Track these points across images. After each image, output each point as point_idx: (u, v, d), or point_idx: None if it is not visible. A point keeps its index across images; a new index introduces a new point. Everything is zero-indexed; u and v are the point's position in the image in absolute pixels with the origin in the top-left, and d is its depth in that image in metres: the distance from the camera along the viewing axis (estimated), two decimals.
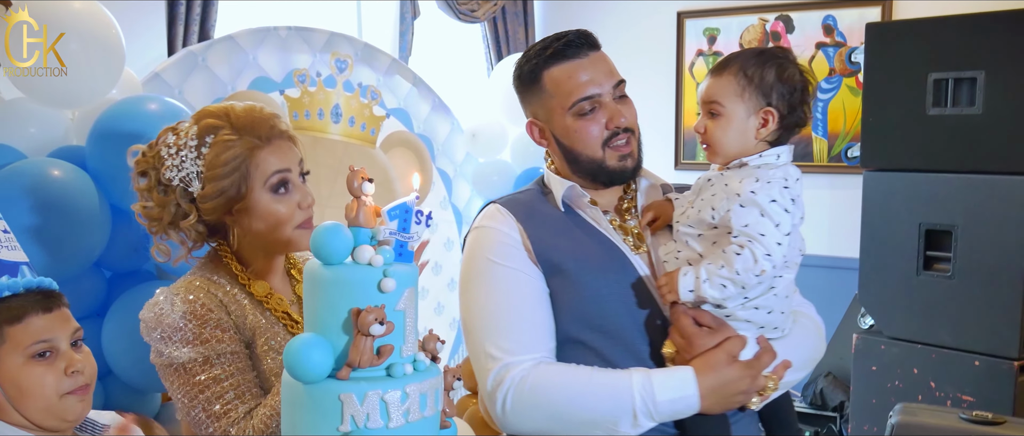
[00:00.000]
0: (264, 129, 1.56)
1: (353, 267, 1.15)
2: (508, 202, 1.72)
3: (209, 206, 1.54)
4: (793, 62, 1.57)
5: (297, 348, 1.13)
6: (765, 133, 1.54)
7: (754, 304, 1.53)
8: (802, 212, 1.54)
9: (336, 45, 3.20)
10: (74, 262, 2.18)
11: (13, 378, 1.33)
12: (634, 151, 1.67)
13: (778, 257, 1.47)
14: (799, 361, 1.62)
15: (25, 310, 1.35)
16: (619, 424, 1.51)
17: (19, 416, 1.34)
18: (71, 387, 1.36)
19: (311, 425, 1.14)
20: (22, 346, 1.34)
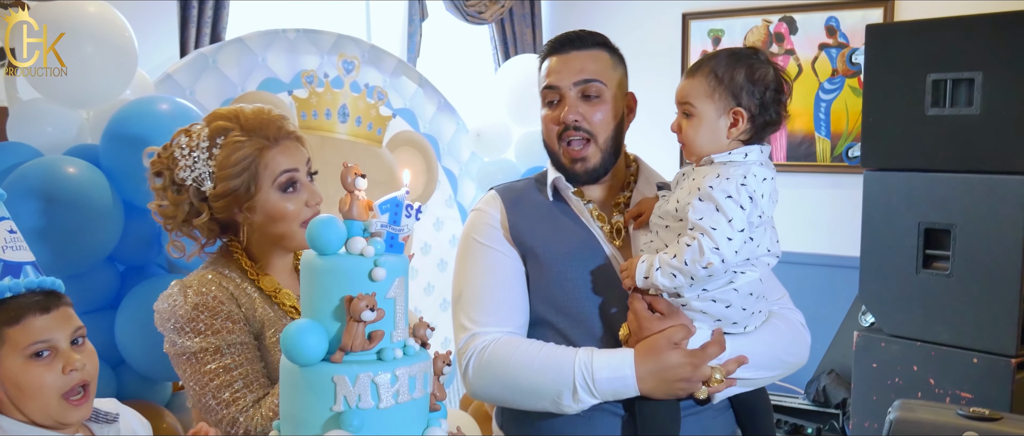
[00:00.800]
0: (272, 130, 1.62)
1: (346, 257, 1.21)
2: (503, 189, 1.84)
3: (220, 204, 1.61)
4: (765, 62, 1.59)
5: (293, 333, 1.19)
6: (736, 132, 1.57)
7: (711, 296, 1.57)
8: (766, 210, 1.55)
9: (343, 47, 3.26)
10: (88, 256, 2.24)
11: (13, 378, 1.35)
12: (589, 158, 1.72)
13: (728, 251, 1.50)
14: (761, 360, 1.65)
15: (24, 311, 1.36)
16: (562, 397, 1.59)
17: (21, 415, 1.37)
18: (69, 385, 1.37)
19: (307, 405, 1.20)
20: (21, 346, 1.35)
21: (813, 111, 4.56)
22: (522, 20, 4.84)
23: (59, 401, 1.37)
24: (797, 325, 1.77)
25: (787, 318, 1.75)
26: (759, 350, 1.65)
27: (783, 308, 1.78)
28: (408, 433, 1.22)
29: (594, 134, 1.71)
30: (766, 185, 1.54)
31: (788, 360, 1.72)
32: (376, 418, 1.19)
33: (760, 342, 1.66)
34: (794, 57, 4.59)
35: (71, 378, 1.38)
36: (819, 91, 4.53)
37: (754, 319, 1.65)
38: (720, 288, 1.57)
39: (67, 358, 1.38)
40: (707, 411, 1.69)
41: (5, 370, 1.35)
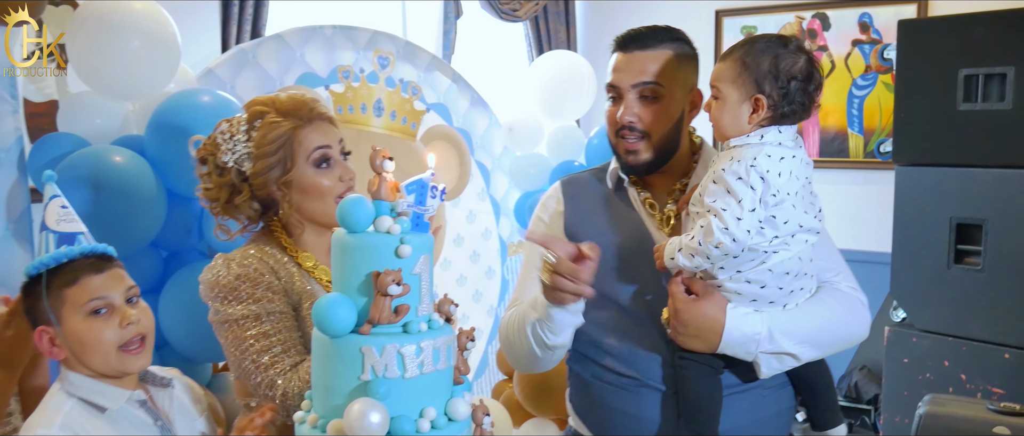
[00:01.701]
0: (305, 111, 1.73)
1: (374, 235, 1.28)
2: (567, 180, 1.95)
3: (260, 181, 1.71)
4: (796, 51, 1.59)
5: (325, 306, 1.25)
6: (757, 118, 1.59)
7: (744, 277, 1.60)
8: (784, 188, 1.56)
9: (379, 43, 3.33)
10: (133, 242, 2.33)
11: (76, 334, 1.47)
12: (640, 152, 1.77)
13: (738, 231, 1.53)
14: (806, 334, 1.66)
15: (80, 273, 1.49)
16: (521, 329, 1.75)
17: (85, 369, 1.49)
18: (127, 337, 1.50)
19: (337, 374, 1.27)
20: (80, 305, 1.48)
21: (846, 107, 4.54)
22: (556, 17, 4.88)
23: (118, 353, 1.49)
24: (852, 299, 1.77)
25: (840, 292, 1.75)
26: (801, 325, 1.66)
27: (851, 290, 1.79)
28: (432, 403, 1.28)
29: (648, 133, 1.76)
30: (783, 164, 1.56)
31: (839, 334, 1.72)
32: (402, 387, 1.25)
33: (801, 318, 1.67)
34: (827, 53, 4.58)
35: (128, 331, 1.50)
36: (852, 87, 4.52)
37: (793, 297, 1.66)
38: (753, 268, 1.60)
39: (123, 313, 1.50)
40: (757, 389, 1.73)
41: (68, 328, 1.47)
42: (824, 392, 1.78)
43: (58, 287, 1.48)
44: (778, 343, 1.64)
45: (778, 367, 1.68)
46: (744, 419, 1.71)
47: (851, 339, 1.77)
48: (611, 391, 1.76)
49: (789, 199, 1.57)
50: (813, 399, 1.78)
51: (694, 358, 1.67)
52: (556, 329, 1.69)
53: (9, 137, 2.41)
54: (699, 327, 1.63)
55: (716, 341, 1.63)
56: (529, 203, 3.74)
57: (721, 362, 1.68)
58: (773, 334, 1.64)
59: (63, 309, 1.48)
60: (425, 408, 1.27)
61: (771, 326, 1.64)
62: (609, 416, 1.78)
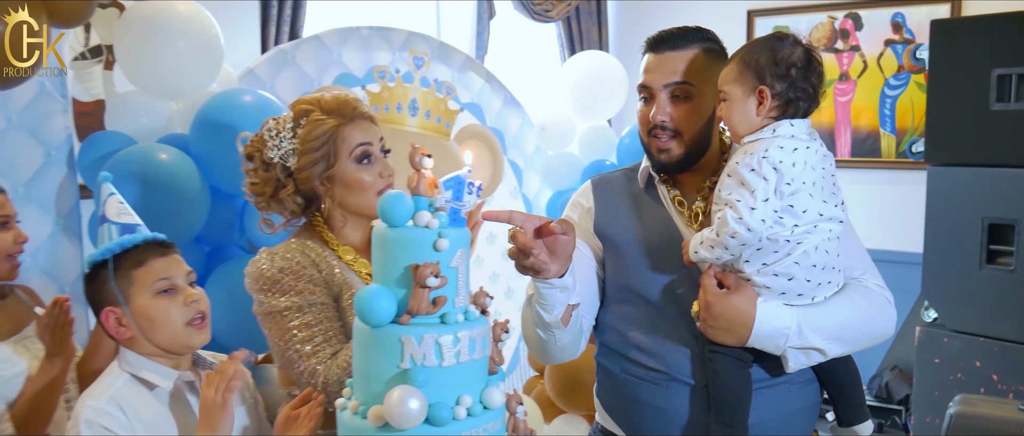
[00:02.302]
0: (348, 109, 1.80)
1: (413, 229, 1.33)
2: (599, 180, 1.97)
3: (304, 176, 1.78)
4: (792, 44, 1.64)
5: (366, 297, 1.31)
6: (764, 110, 1.62)
7: (772, 270, 1.63)
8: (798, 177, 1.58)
9: (414, 44, 3.39)
10: (178, 237, 2.38)
11: (144, 312, 1.58)
12: (673, 150, 1.79)
13: (753, 221, 1.56)
14: (833, 330, 1.68)
15: (146, 256, 1.60)
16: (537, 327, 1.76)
17: (151, 345, 1.59)
18: (192, 315, 1.60)
19: (377, 362, 1.32)
20: (147, 285, 1.59)
21: (878, 107, 4.53)
22: (588, 18, 4.92)
23: (185, 327, 1.59)
24: (879, 296, 1.78)
25: (866, 289, 1.77)
26: (830, 321, 1.68)
27: (876, 286, 1.80)
28: (468, 391, 1.33)
29: (680, 131, 1.79)
30: (796, 155, 1.59)
31: (866, 331, 1.74)
32: (439, 376, 1.30)
33: (830, 313, 1.69)
34: (859, 53, 4.57)
35: (192, 309, 1.61)
36: (884, 87, 4.50)
37: (821, 290, 1.68)
38: (779, 261, 1.62)
39: (186, 293, 1.62)
40: (784, 384, 1.75)
41: (136, 306, 1.57)
42: (851, 388, 1.80)
43: (126, 269, 1.59)
44: (807, 338, 1.66)
45: (805, 362, 1.70)
46: (771, 413, 1.73)
47: (878, 336, 1.78)
48: (640, 385, 1.79)
49: (805, 188, 1.60)
50: (840, 395, 1.80)
51: (724, 351, 1.69)
52: (547, 305, 1.71)
53: (59, 135, 2.51)
54: (730, 320, 1.65)
55: (746, 334, 1.65)
56: (561, 201, 3.78)
57: (751, 356, 1.70)
58: (802, 329, 1.66)
59: (131, 289, 1.58)
60: (461, 396, 1.32)
61: (800, 321, 1.66)
62: (638, 410, 1.80)
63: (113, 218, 1.64)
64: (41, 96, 2.45)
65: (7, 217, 1.87)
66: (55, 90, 2.48)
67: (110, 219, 1.64)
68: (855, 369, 1.82)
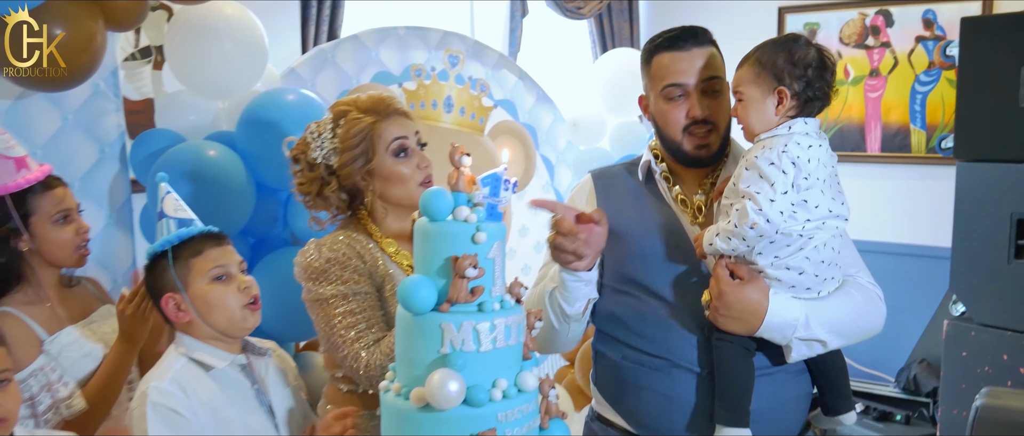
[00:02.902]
0: (382, 107, 1.90)
1: (453, 223, 1.42)
2: (598, 174, 2.03)
3: (345, 173, 1.88)
4: (806, 45, 1.70)
5: (408, 286, 1.40)
6: (783, 109, 1.70)
7: (784, 264, 1.69)
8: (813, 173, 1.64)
9: (449, 42, 3.48)
10: (224, 229, 2.49)
11: (202, 297, 1.69)
12: (712, 143, 1.86)
13: (772, 212, 1.63)
14: (833, 324, 1.75)
15: (203, 245, 1.72)
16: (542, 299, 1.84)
17: (208, 328, 1.70)
18: (246, 300, 1.72)
19: (418, 348, 1.41)
20: (204, 272, 1.70)
21: (908, 103, 4.54)
22: (620, 15, 4.97)
23: (241, 310, 1.71)
24: (872, 293, 1.85)
25: (862, 286, 1.84)
26: (832, 315, 1.75)
27: (867, 283, 1.87)
28: (504, 374, 1.42)
29: (717, 124, 1.86)
30: (811, 151, 1.66)
31: (862, 326, 1.81)
32: (477, 360, 1.39)
33: (833, 307, 1.76)
34: (890, 50, 4.58)
35: (245, 293, 1.72)
36: (915, 83, 4.51)
37: (827, 285, 1.76)
38: (791, 255, 1.69)
39: (239, 279, 1.73)
40: (781, 373, 1.82)
41: (194, 292, 1.69)
42: (839, 380, 1.87)
43: (184, 258, 1.70)
44: (812, 330, 1.73)
45: (807, 353, 1.77)
46: (768, 401, 1.79)
47: (870, 331, 1.85)
48: (641, 372, 1.84)
49: (818, 184, 1.67)
50: (828, 386, 1.87)
51: (731, 339, 1.75)
52: (570, 298, 1.79)
53: (112, 133, 2.63)
54: (742, 310, 1.71)
55: (757, 324, 1.71)
56: None
57: (755, 344, 1.76)
58: (809, 321, 1.72)
59: (189, 276, 1.70)
60: (497, 379, 1.41)
61: (808, 313, 1.73)
62: (639, 396, 1.85)
63: (171, 214, 1.76)
64: (95, 96, 2.56)
65: (69, 209, 1.99)
66: (109, 90, 2.59)
67: (168, 214, 1.76)
68: (843, 361, 1.88)
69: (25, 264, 1.94)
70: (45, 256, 1.96)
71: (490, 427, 1.37)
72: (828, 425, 1.92)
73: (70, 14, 2.13)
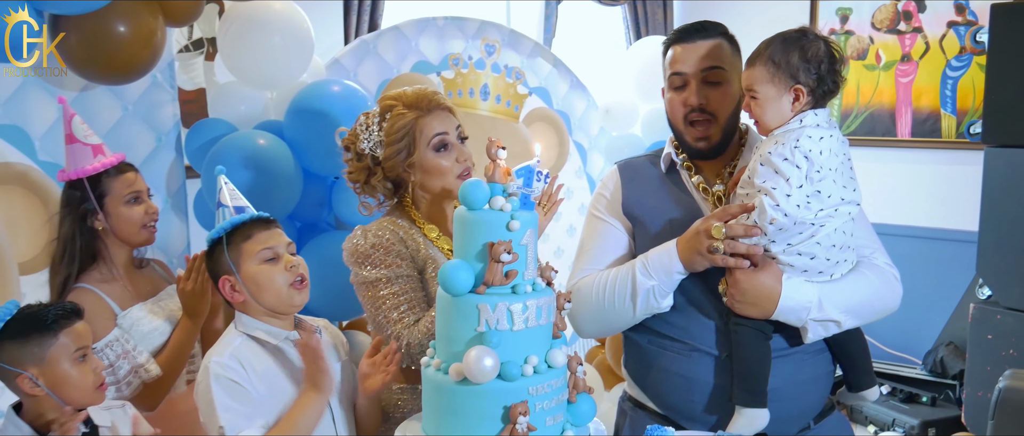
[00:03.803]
0: (425, 102, 2.01)
1: (489, 212, 1.54)
2: (624, 164, 2.11)
3: (390, 164, 2.00)
4: (815, 39, 1.76)
5: (448, 270, 1.53)
6: (799, 106, 1.76)
7: (796, 250, 1.77)
8: (826, 164, 1.71)
9: (486, 32, 3.58)
10: (272, 214, 2.64)
11: (253, 277, 1.82)
12: (712, 136, 1.94)
13: (789, 206, 1.70)
14: (849, 305, 1.82)
15: (253, 229, 1.85)
16: (627, 290, 1.88)
17: (258, 306, 1.83)
18: (293, 279, 1.84)
19: (457, 326, 1.54)
20: (254, 254, 1.83)
21: (940, 88, 4.55)
22: (654, 1, 5.01)
23: (288, 288, 1.83)
24: (888, 274, 1.92)
25: (877, 267, 1.91)
26: (846, 296, 1.83)
27: (883, 264, 1.93)
28: (535, 351, 1.54)
29: (716, 115, 1.93)
30: (822, 143, 1.73)
31: (877, 306, 1.89)
32: (510, 338, 1.52)
33: (846, 289, 1.83)
34: (921, 35, 4.58)
35: (292, 273, 1.85)
36: (946, 68, 4.50)
37: (839, 268, 1.83)
38: (803, 242, 1.76)
39: (287, 260, 1.86)
40: (798, 354, 1.90)
41: (246, 273, 1.82)
42: (860, 358, 1.94)
43: (237, 242, 1.84)
44: (826, 311, 1.80)
45: (822, 333, 1.84)
46: (786, 381, 1.86)
47: (886, 310, 1.91)
48: (665, 356, 1.93)
49: (830, 175, 1.74)
50: (849, 363, 1.94)
51: (748, 323, 1.83)
52: (666, 292, 1.86)
53: (168, 122, 2.77)
54: (756, 295, 1.79)
55: (771, 308, 1.79)
56: None
57: (771, 328, 1.84)
58: (822, 303, 1.80)
59: (241, 259, 1.83)
60: (529, 356, 1.54)
61: (821, 296, 1.80)
62: (663, 378, 1.95)
63: (227, 203, 1.90)
64: (153, 87, 2.70)
65: (139, 192, 2.16)
66: (165, 82, 2.73)
67: (224, 204, 1.90)
68: (863, 340, 1.95)
69: (100, 244, 2.13)
70: (116, 233, 2.13)
71: (522, 400, 1.50)
72: (853, 401, 2.01)
73: (132, 12, 2.26)
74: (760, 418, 1.81)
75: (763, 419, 1.82)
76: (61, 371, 1.67)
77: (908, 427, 4.01)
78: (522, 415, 1.49)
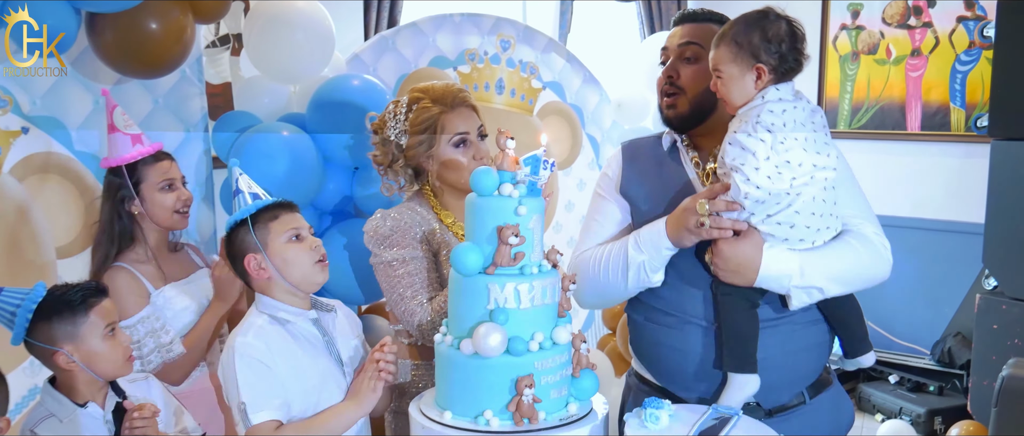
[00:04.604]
0: (450, 99, 2.13)
1: (499, 197, 1.65)
2: (628, 144, 2.20)
3: (411, 154, 2.13)
4: (777, 19, 1.83)
5: (459, 252, 1.64)
6: (762, 84, 1.83)
7: (776, 220, 1.83)
8: (791, 134, 1.77)
9: (501, 28, 3.65)
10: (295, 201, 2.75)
11: (280, 254, 1.91)
12: (679, 106, 2.03)
13: (760, 179, 1.76)
14: (833, 272, 1.87)
15: (278, 212, 1.94)
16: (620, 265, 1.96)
17: (284, 284, 1.92)
18: (317, 257, 1.93)
19: (467, 305, 1.65)
20: (281, 234, 1.92)
21: (949, 82, 4.60)
22: None
23: (312, 266, 1.93)
24: (874, 243, 1.96)
25: (863, 236, 1.95)
26: (828, 263, 1.88)
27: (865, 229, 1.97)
28: (541, 329, 1.65)
29: (684, 89, 2.02)
30: (785, 115, 1.80)
31: (862, 274, 1.93)
32: (517, 316, 1.63)
33: (829, 256, 1.89)
34: (931, 30, 4.62)
35: (316, 252, 1.94)
36: (955, 63, 4.55)
37: (821, 235, 1.88)
38: (781, 211, 1.82)
39: (309, 240, 1.95)
40: (787, 324, 1.94)
41: (273, 251, 1.91)
42: (854, 325, 1.99)
43: (263, 222, 1.92)
44: (808, 278, 1.86)
45: (807, 300, 1.90)
46: (776, 351, 1.92)
47: (873, 279, 1.96)
48: (661, 330, 2.01)
49: (797, 143, 1.80)
50: (843, 331, 2.00)
51: (734, 293, 1.90)
52: (658, 267, 1.94)
53: (196, 114, 2.89)
54: (738, 263, 1.85)
55: (753, 276, 1.85)
56: None
57: (758, 296, 1.90)
58: (804, 270, 1.85)
59: (268, 238, 1.92)
60: (535, 332, 1.64)
61: (802, 263, 1.86)
62: (659, 352, 2.03)
63: (245, 190, 1.98)
64: (182, 81, 2.81)
65: (173, 179, 2.29)
66: (193, 76, 2.84)
67: (242, 191, 1.98)
68: (858, 307, 1.99)
69: (137, 227, 2.26)
70: (151, 217, 2.26)
71: (528, 373, 1.61)
72: (850, 368, 2.08)
73: (164, 11, 2.38)
74: (750, 383, 1.87)
75: (753, 384, 1.87)
76: (93, 346, 1.79)
77: (915, 415, 4.08)
78: (528, 387, 1.60)
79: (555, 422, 1.65)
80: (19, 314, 1.77)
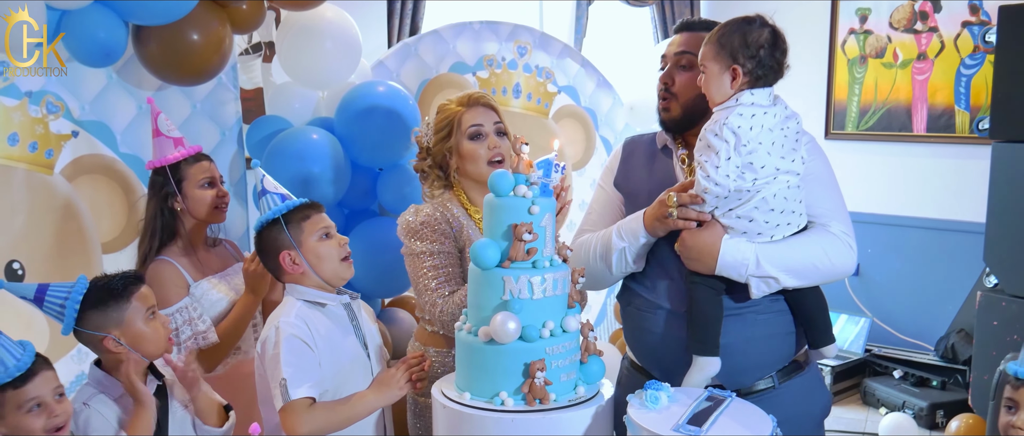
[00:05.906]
0: (469, 99, 2.34)
1: (514, 198, 1.81)
2: (629, 140, 2.35)
3: (436, 150, 2.33)
4: (761, 26, 1.94)
5: (478, 247, 1.80)
6: (736, 84, 1.94)
7: (735, 214, 1.96)
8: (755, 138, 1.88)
9: (518, 34, 3.78)
10: (323, 201, 2.85)
11: (313, 251, 2.07)
12: (671, 109, 2.16)
13: (719, 177, 1.89)
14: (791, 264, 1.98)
15: (309, 211, 2.11)
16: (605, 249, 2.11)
17: (316, 277, 2.08)
18: (344, 254, 2.10)
19: (485, 295, 1.81)
20: (313, 231, 2.08)
21: (954, 85, 4.70)
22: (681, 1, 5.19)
23: (340, 262, 2.10)
24: (837, 239, 2.05)
25: (827, 232, 2.05)
26: (784, 255, 1.99)
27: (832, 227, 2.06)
28: (552, 318, 1.81)
29: (677, 95, 2.15)
30: (754, 120, 1.91)
31: (821, 268, 2.03)
32: (530, 305, 1.79)
33: (786, 249, 2.00)
34: (937, 34, 4.73)
35: (344, 249, 2.11)
36: (960, 67, 4.65)
37: (779, 230, 2.00)
38: (741, 206, 1.95)
39: (337, 237, 2.12)
40: (750, 313, 2.05)
41: (306, 247, 2.07)
42: (818, 317, 2.10)
43: (296, 221, 2.08)
44: (764, 268, 1.97)
45: (766, 289, 2.01)
46: (737, 338, 2.04)
47: (833, 273, 2.05)
48: (641, 315, 2.15)
49: (762, 147, 1.92)
50: (806, 321, 2.11)
51: (700, 280, 2.02)
52: (639, 256, 2.09)
53: (231, 118, 3.04)
54: (699, 251, 1.98)
55: (712, 264, 1.97)
56: None
57: (722, 285, 2.02)
58: (760, 260, 1.97)
59: (302, 235, 2.08)
60: (546, 321, 1.80)
61: (758, 254, 1.97)
62: (640, 337, 2.18)
63: (271, 190, 2.14)
64: (218, 87, 2.95)
65: (212, 178, 2.46)
66: (229, 82, 2.99)
67: (269, 191, 2.14)
68: (822, 300, 2.11)
69: (179, 223, 2.43)
70: (191, 213, 2.43)
71: (539, 358, 1.77)
72: (816, 358, 2.20)
73: (205, 22, 2.54)
74: (711, 365, 1.99)
75: (714, 366, 2.00)
76: (137, 329, 1.94)
77: (917, 409, 4.19)
78: (540, 371, 1.76)
79: (564, 403, 1.81)
80: (67, 306, 1.89)
